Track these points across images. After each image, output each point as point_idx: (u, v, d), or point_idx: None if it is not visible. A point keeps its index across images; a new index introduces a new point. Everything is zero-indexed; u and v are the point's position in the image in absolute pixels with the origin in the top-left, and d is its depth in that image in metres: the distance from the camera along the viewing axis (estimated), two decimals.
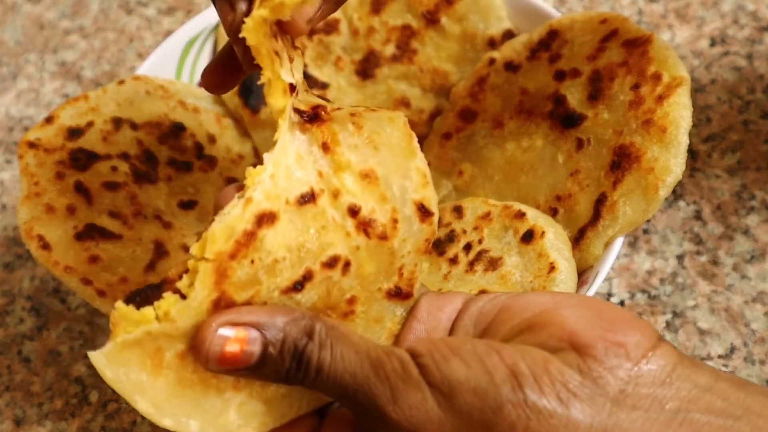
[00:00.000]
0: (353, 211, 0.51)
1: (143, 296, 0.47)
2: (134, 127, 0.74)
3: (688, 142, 0.64)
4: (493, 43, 0.76)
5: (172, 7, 0.93)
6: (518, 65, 0.73)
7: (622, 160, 0.64)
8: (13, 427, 0.72)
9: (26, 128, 0.87)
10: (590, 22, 0.71)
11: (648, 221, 0.69)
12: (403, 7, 0.77)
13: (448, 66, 0.77)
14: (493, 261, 0.64)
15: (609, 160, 0.65)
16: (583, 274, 0.64)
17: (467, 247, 0.66)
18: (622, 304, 0.73)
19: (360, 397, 0.46)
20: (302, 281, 0.49)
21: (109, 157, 0.72)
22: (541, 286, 0.61)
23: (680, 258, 0.73)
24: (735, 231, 0.74)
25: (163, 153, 0.74)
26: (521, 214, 0.65)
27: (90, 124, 0.73)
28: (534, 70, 0.72)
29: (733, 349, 0.70)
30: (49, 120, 0.73)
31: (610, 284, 0.73)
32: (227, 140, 0.77)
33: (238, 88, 0.77)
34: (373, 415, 0.46)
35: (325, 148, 0.51)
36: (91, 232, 0.68)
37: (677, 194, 0.76)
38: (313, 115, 0.51)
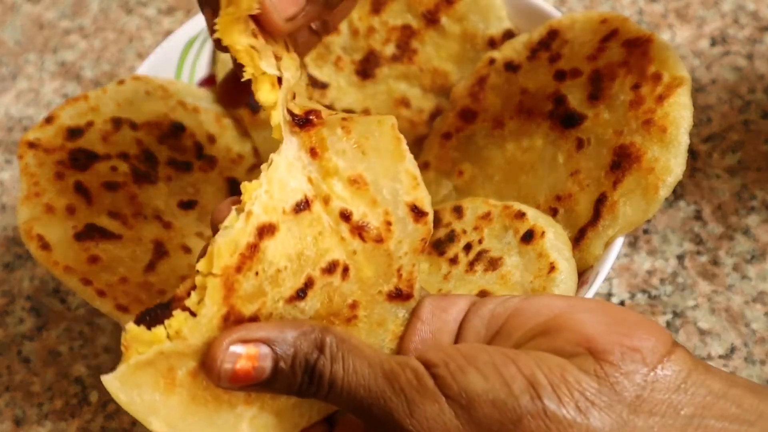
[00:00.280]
0: (345, 215, 0.51)
1: (153, 316, 0.47)
2: (134, 127, 0.74)
3: (688, 142, 0.64)
4: (493, 43, 0.76)
5: (172, 7, 0.93)
6: (518, 65, 0.73)
7: (623, 160, 0.64)
8: (12, 428, 0.72)
9: (26, 128, 0.87)
10: (590, 22, 0.71)
11: (648, 221, 0.69)
12: (403, 6, 0.77)
13: (448, 66, 0.77)
14: (493, 261, 0.64)
15: (609, 160, 0.65)
16: (583, 274, 0.64)
17: (467, 247, 0.66)
18: (622, 304, 0.73)
19: (375, 410, 0.46)
20: (304, 289, 0.49)
21: (108, 157, 0.72)
22: (541, 286, 0.61)
23: (680, 258, 0.73)
24: (735, 231, 0.74)
25: (163, 153, 0.74)
26: (521, 214, 0.65)
27: (90, 124, 0.73)
28: (534, 70, 0.72)
29: (733, 350, 0.70)
30: (48, 120, 0.73)
31: (610, 284, 0.73)
32: (227, 140, 0.77)
33: None
34: (389, 428, 0.46)
35: (313, 153, 0.51)
36: (90, 232, 0.68)
37: (677, 194, 0.76)
38: (305, 120, 0.51)
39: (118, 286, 0.67)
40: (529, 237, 0.63)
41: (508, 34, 0.76)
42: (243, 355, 0.46)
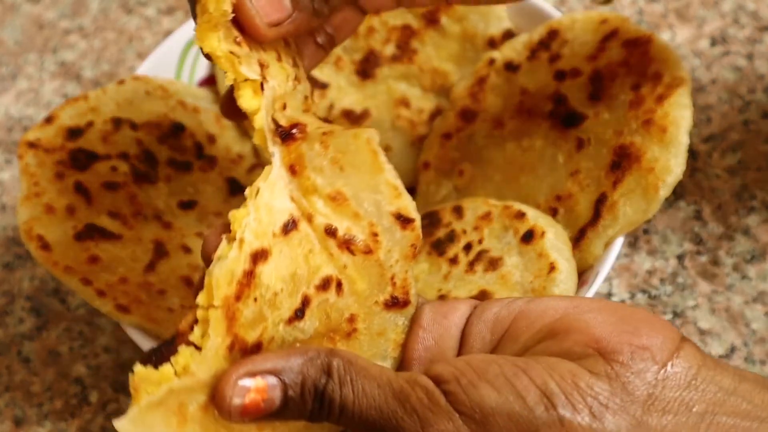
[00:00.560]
0: (330, 231, 0.51)
1: (158, 355, 0.46)
2: (134, 127, 0.74)
3: (688, 142, 0.64)
4: (493, 43, 0.76)
5: (172, 7, 0.93)
6: (518, 65, 0.73)
7: (623, 160, 0.64)
8: (12, 428, 0.72)
9: (26, 128, 0.87)
10: (590, 22, 0.71)
11: (648, 221, 0.69)
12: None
13: (448, 66, 0.77)
14: (493, 261, 0.64)
15: (609, 160, 0.65)
16: (583, 274, 0.64)
17: (467, 247, 0.66)
18: None
19: (388, 431, 0.46)
20: (302, 308, 0.49)
21: (108, 157, 0.72)
22: (541, 287, 0.61)
23: (680, 258, 0.73)
24: (735, 231, 0.74)
25: (163, 153, 0.74)
26: (521, 214, 0.65)
27: (90, 124, 0.73)
28: (534, 70, 0.72)
29: (733, 349, 0.70)
30: (48, 120, 0.73)
31: (610, 284, 0.73)
32: (227, 140, 0.77)
33: None
34: None
35: (292, 171, 0.51)
36: (90, 233, 0.68)
37: (677, 194, 0.76)
38: (287, 133, 0.51)
39: (118, 286, 0.67)
40: (529, 237, 0.63)
41: (508, 34, 0.76)
42: (252, 388, 0.46)
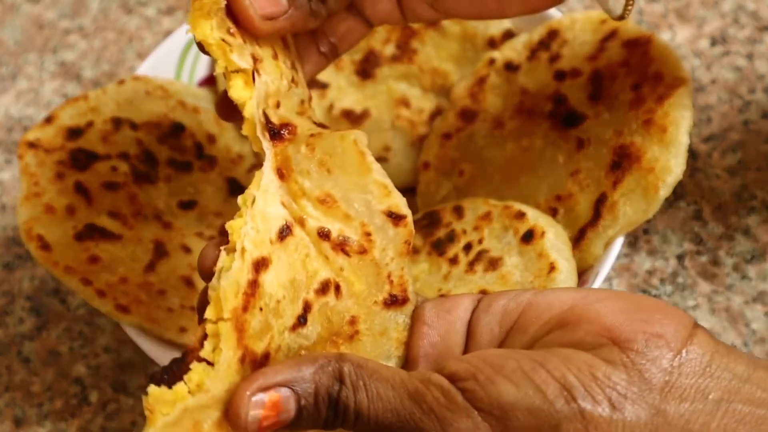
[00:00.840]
0: (323, 234, 0.50)
1: (170, 373, 0.46)
2: (134, 127, 0.74)
3: (688, 142, 0.64)
4: (493, 43, 0.76)
5: (172, 7, 0.93)
6: (518, 65, 0.73)
7: (623, 160, 0.64)
8: (12, 428, 0.72)
9: (26, 128, 0.87)
10: (590, 22, 0.71)
11: (648, 221, 0.69)
12: None
13: (448, 66, 0.77)
14: (493, 261, 0.64)
15: (609, 160, 0.65)
16: (583, 274, 0.64)
17: (467, 247, 0.66)
18: None
19: None
20: (304, 314, 0.49)
21: (108, 157, 0.72)
22: (541, 287, 0.61)
23: (680, 258, 0.73)
24: (735, 231, 0.74)
25: (163, 153, 0.74)
26: (521, 214, 0.65)
27: (90, 124, 0.73)
28: (534, 70, 0.72)
29: None
30: (48, 120, 0.73)
31: (611, 284, 0.73)
32: (227, 140, 0.77)
33: None
34: None
35: (280, 175, 0.51)
36: (90, 233, 0.68)
37: (677, 194, 0.76)
38: (276, 132, 0.51)
39: (118, 286, 0.67)
40: (529, 237, 0.63)
41: (508, 34, 0.76)
42: (266, 403, 0.45)
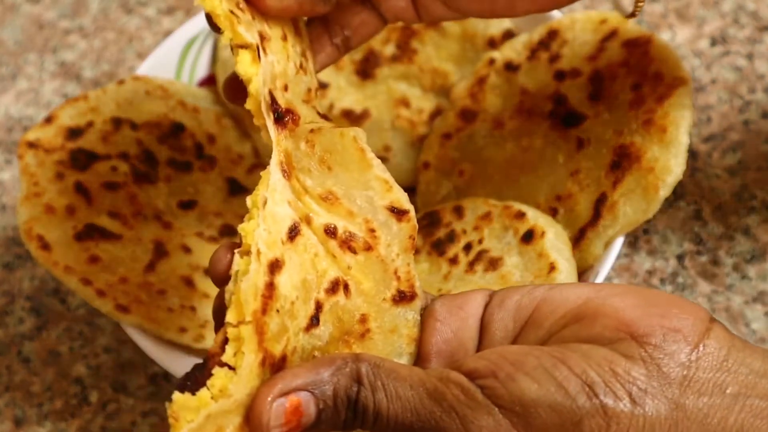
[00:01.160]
0: (329, 231, 0.50)
1: (192, 379, 0.46)
2: (134, 127, 0.74)
3: (688, 141, 0.64)
4: (493, 43, 0.76)
5: (172, 7, 0.93)
6: (518, 65, 0.73)
7: (623, 160, 0.64)
8: (12, 428, 0.72)
9: (26, 128, 0.87)
10: (590, 22, 0.71)
11: (648, 221, 0.69)
12: None
13: (448, 66, 0.77)
14: (494, 261, 0.64)
15: (609, 160, 0.65)
16: (583, 274, 0.64)
17: (467, 247, 0.66)
18: None
19: None
20: (316, 314, 0.49)
21: (108, 157, 0.72)
22: None
23: (680, 258, 0.73)
24: (735, 231, 0.74)
25: (163, 153, 0.74)
26: (521, 214, 0.65)
27: (90, 124, 0.73)
28: (534, 70, 0.72)
29: None
30: (48, 120, 0.73)
31: None
32: (227, 140, 0.77)
33: None
34: None
35: (284, 173, 0.51)
36: (90, 233, 0.68)
37: (677, 194, 0.76)
38: (280, 115, 0.51)
39: (118, 286, 0.67)
40: (529, 237, 0.63)
41: (508, 34, 0.76)
42: (287, 408, 0.45)
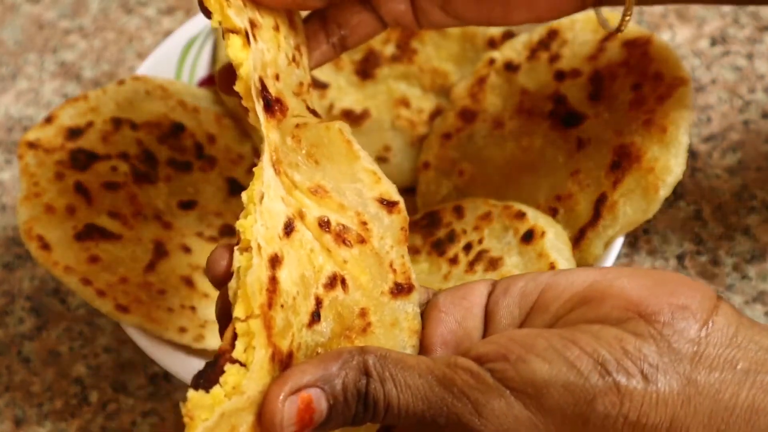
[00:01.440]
0: (323, 224, 0.50)
1: (205, 377, 0.45)
2: (134, 127, 0.74)
3: (688, 141, 0.64)
4: (493, 43, 0.76)
5: (172, 7, 0.93)
6: (518, 65, 0.73)
7: (623, 160, 0.64)
8: (12, 428, 0.72)
9: (26, 128, 0.87)
10: (590, 22, 0.71)
11: (648, 221, 0.69)
12: None
13: (448, 66, 0.77)
14: (494, 261, 0.64)
15: (609, 160, 0.65)
16: None
17: (467, 247, 0.66)
18: None
19: (440, 419, 0.45)
20: (317, 310, 0.49)
21: (108, 157, 0.72)
22: None
23: (680, 258, 0.73)
24: (735, 231, 0.74)
25: (163, 153, 0.74)
26: (521, 214, 0.65)
27: (90, 125, 0.73)
28: (534, 70, 0.72)
29: None
30: (48, 120, 0.73)
31: None
32: (227, 140, 0.77)
33: None
34: None
35: (275, 170, 0.50)
36: (90, 232, 0.68)
37: (677, 194, 0.76)
38: (269, 102, 0.51)
39: (118, 286, 0.67)
40: (529, 237, 0.63)
41: (508, 34, 0.76)
42: (298, 406, 0.45)
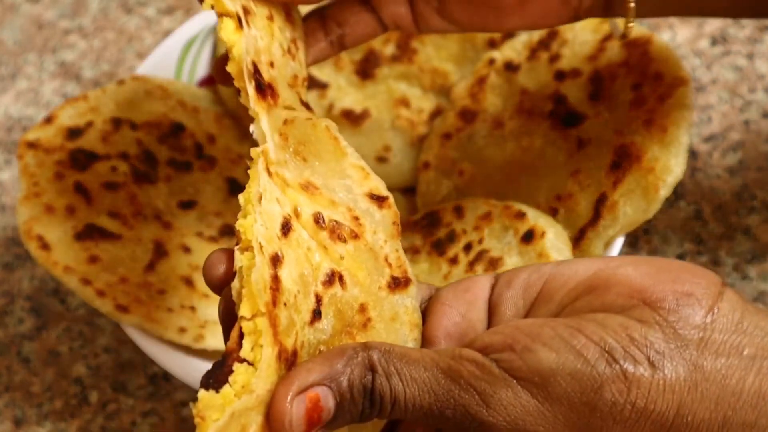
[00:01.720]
0: (317, 220, 0.50)
1: (214, 377, 0.45)
2: (134, 127, 0.74)
3: (689, 141, 0.64)
4: (493, 43, 0.76)
5: (172, 7, 0.93)
6: (518, 65, 0.73)
7: (623, 160, 0.64)
8: (12, 428, 0.72)
9: (25, 128, 0.87)
10: (590, 22, 0.71)
11: (648, 221, 0.69)
12: None
13: (448, 66, 0.77)
14: (494, 261, 0.64)
15: (609, 160, 0.65)
16: None
17: (467, 247, 0.66)
18: None
19: (448, 412, 0.45)
20: (317, 308, 0.49)
21: (108, 157, 0.72)
22: None
23: (681, 258, 0.73)
24: (735, 231, 0.74)
25: (163, 153, 0.74)
26: (521, 214, 0.65)
27: (89, 124, 0.73)
28: (534, 70, 0.72)
29: None
30: (48, 120, 0.73)
31: None
32: (227, 140, 0.77)
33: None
34: (466, 425, 0.45)
35: (267, 170, 0.50)
36: (90, 232, 0.68)
37: (678, 194, 0.76)
38: (262, 87, 0.51)
39: (118, 286, 0.67)
40: (529, 237, 0.63)
41: (508, 34, 0.76)
42: (306, 405, 0.45)
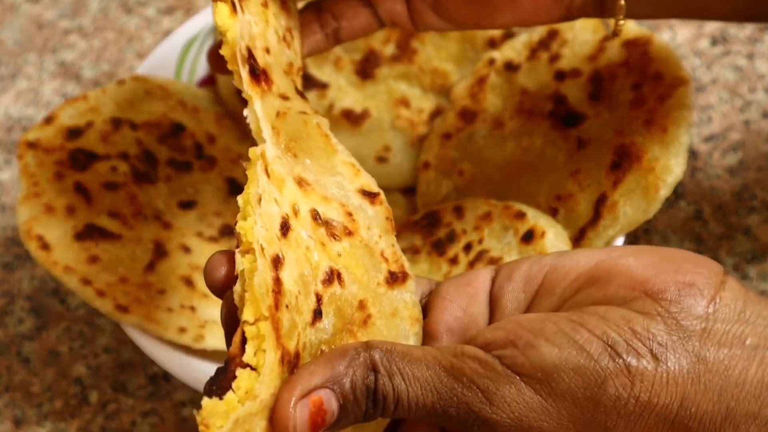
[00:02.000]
0: (314, 215, 0.50)
1: (217, 384, 0.45)
2: (134, 127, 0.74)
3: (689, 141, 0.64)
4: (493, 43, 0.76)
5: (172, 7, 0.93)
6: (518, 65, 0.73)
7: (623, 160, 0.64)
8: (12, 428, 0.72)
9: (25, 128, 0.87)
10: (590, 22, 0.71)
11: (648, 221, 0.69)
12: None
13: (448, 66, 0.77)
14: (494, 261, 0.64)
15: (609, 160, 0.65)
16: None
17: (467, 247, 0.66)
18: None
19: (451, 411, 0.45)
20: (318, 308, 0.49)
21: (108, 157, 0.72)
22: None
23: None
24: (736, 231, 0.74)
25: (163, 153, 0.74)
26: (521, 214, 0.65)
27: (89, 124, 0.73)
28: (534, 70, 0.72)
29: None
30: (48, 120, 0.73)
31: None
32: (227, 140, 0.77)
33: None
34: (470, 422, 0.45)
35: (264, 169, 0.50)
36: (90, 232, 0.68)
37: (678, 194, 0.76)
38: (256, 72, 0.51)
39: (117, 286, 0.67)
40: (529, 237, 0.63)
41: (508, 34, 0.76)
42: (310, 409, 0.45)
